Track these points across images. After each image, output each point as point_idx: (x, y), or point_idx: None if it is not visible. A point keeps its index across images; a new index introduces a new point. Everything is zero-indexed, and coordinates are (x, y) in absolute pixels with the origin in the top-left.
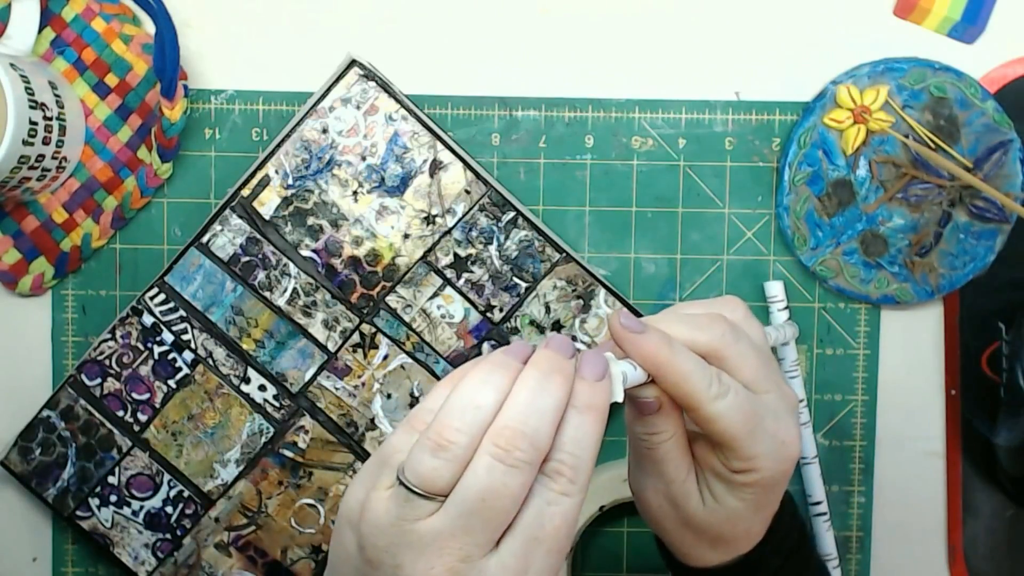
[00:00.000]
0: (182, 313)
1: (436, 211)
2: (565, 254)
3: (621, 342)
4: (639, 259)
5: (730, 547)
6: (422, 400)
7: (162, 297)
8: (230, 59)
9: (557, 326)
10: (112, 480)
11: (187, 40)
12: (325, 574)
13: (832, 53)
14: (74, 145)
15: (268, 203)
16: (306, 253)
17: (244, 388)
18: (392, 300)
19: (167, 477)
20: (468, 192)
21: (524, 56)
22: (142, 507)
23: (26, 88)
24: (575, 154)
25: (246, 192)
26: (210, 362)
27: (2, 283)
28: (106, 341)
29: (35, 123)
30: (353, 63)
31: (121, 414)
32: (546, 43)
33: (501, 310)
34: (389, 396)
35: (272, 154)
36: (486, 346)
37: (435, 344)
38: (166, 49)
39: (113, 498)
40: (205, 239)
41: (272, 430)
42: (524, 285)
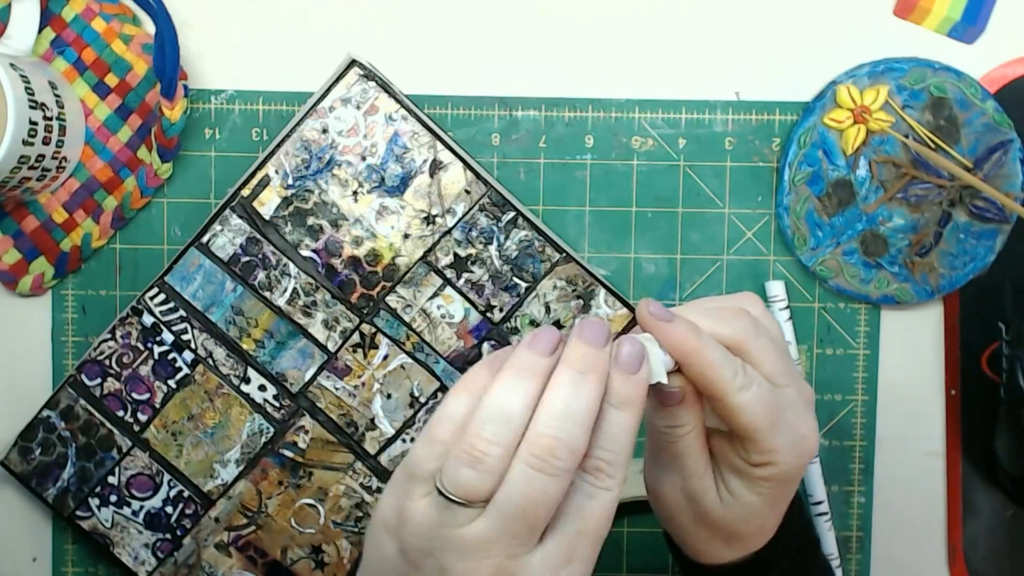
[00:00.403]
0: (182, 313)
1: (436, 211)
2: (565, 254)
3: (650, 330)
4: (639, 259)
5: (744, 543)
6: (439, 408)
7: (162, 297)
8: (230, 59)
9: (557, 326)
10: (112, 480)
11: (187, 40)
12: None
13: (832, 53)
14: (74, 145)
15: (268, 203)
16: (306, 253)
17: (244, 388)
18: (392, 300)
19: (167, 477)
20: (468, 192)
21: (524, 56)
22: (142, 507)
23: (26, 88)
24: (575, 154)
25: (246, 192)
26: (210, 362)
27: (2, 283)
28: (106, 341)
29: (35, 123)
30: (353, 63)
31: (121, 414)
32: (546, 43)
33: (501, 310)
34: (389, 396)
35: (272, 154)
36: (486, 346)
37: (435, 344)
38: (166, 49)
39: (113, 498)
40: (205, 239)
41: (272, 430)
42: (524, 285)
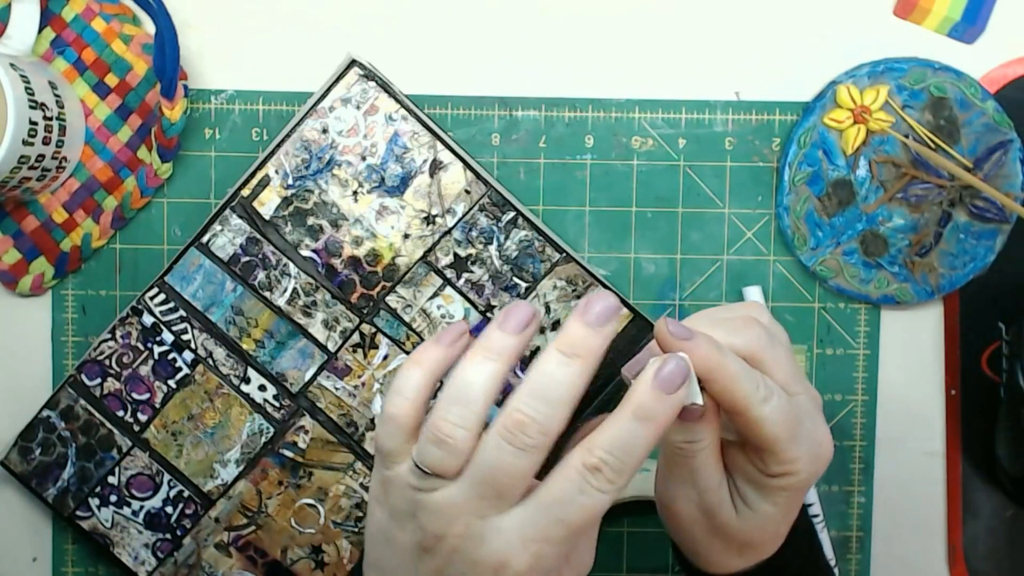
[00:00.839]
0: (182, 313)
1: (436, 211)
2: (565, 254)
3: (671, 349)
4: (639, 259)
5: (757, 552)
6: (391, 384)
7: (162, 297)
8: (230, 59)
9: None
10: (112, 480)
11: (187, 40)
12: (364, 550)
13: (832, 53)
14: (74, 145)
15: (268, 203)
16: (306, 253)
17: (244, 388)
18: (392, 300)
19: (167, 477)
20: (468, 192)
21: (524, 56)
22: (142, 507)
23: (26, 88)
24: (575, 154)
25: (246, 192)
26: (210, 362)
27: (2, 283)
28: (106, 341)
29: (35, 123)
30: (353, 63)
31: (121, 414)
32: (546, 43)
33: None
34: None
35: (272, 154)
36: None
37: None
38: (166, 49)
39: (113, 498)
40: (205, 239)
41: (272, 430)
42: (524, 285)
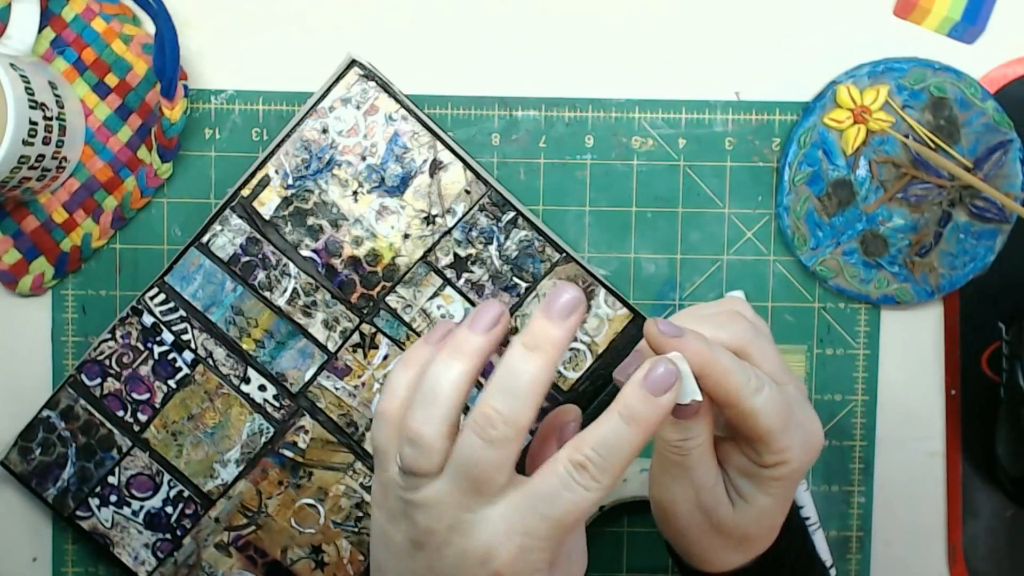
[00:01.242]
0: (182, 313)
1: (436, 211)
2: (565, 254)
3: (662, 349)
4: (639, 259)
5: (754, 546)
6: (384, 384)
7: (162, 297)
8: (230, 59)
9: None
10: (112, 480)
11: (187, 40)
12: (370, 553)
13: (832, 53)
14: (74, 145)
15: (268, 203)
16: (306, 253)
17: (244, 388)
18: (392, 300)
19: (167, 477)
20: (468, 192)
21: (524, 56)
22: (142, 507)
23: (26, 88)
24: (575, 154)
25: (246, 192)
26: (210, 362)
27: (2, 283)
28: (106, 341)
29: (35, 123)
30: (353, 63)
31: (121, 414)
32: (546, 43)
33: None
34: None
35: (272, 154)
36: None
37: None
38: (166, 49)
39: (113, 498)
40: (205, 239)
41: (272, 430)
42: (524, 285)
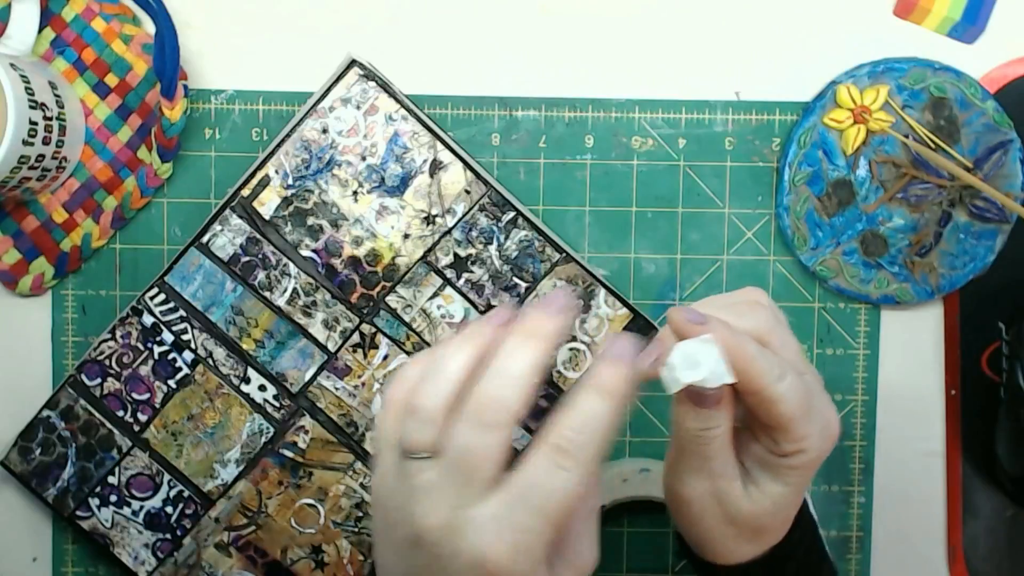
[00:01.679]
0: (182, 313)
1: (436, 211)
2: (565, 254)
3: (686, 335)
4: (639, 259)
5: (768, 538)
6: (396, 373)
7: (162, 297)
8: (230, 59)
9: None
10: (112, 480)
11: (187, 40)
12: (374, 553)
13: (832, 53)
14: (74, 145)
15: (268, 203)
16: (306, 253)
17: (244, 388)
18: (392, 300)
19: (167, 477)
20: (468, 192)
21: (524, 56)
22: (142, 507)
23: (26, 88)
24: (575, 154)
25: (246, 192)
26: (210, 362)
27: (2, 283)
28: (106, 341)
29: (35, 123)
30: (353, 63)
31: (121, 414)
32: (546, 43)
33: None
34: None
35: (272, 154)
36: None
37: (435, 344)
38: (166, 49)
39: (113, 498)
40: (205, 239)
41: (272, 430)
42: (524, 285)
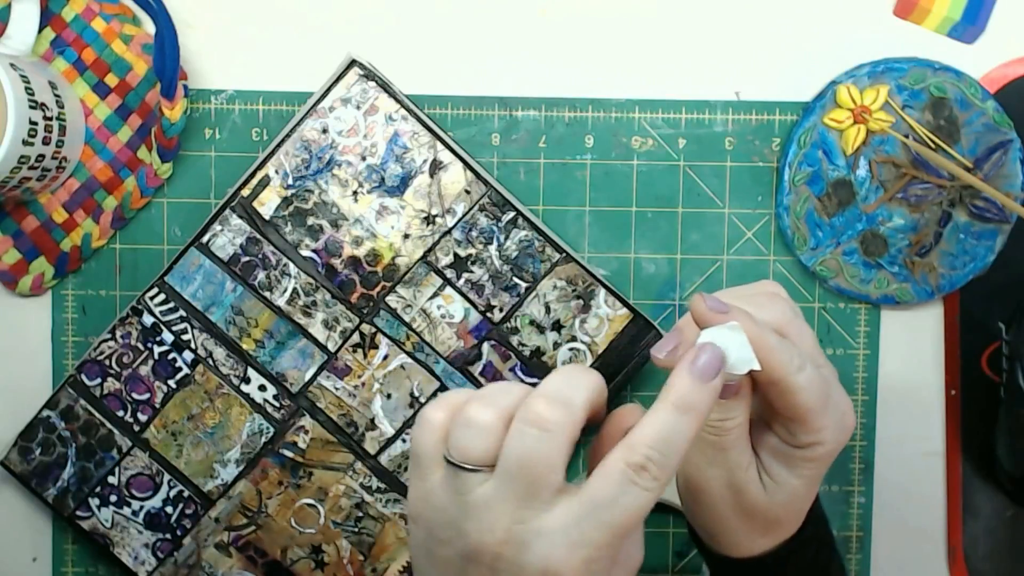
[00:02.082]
0: (182, 313)
1: (436, 211)
2: (565, 254)
3: (708, 324)
4: (639, 259)
5: (782, 530)
6: (438, 397)
7: (162, 297)
8: (230, 59)
9: (557, 326)
10: (112, 480)
11: (187, 40)
12: (414, 570)
13: (832, 53)
14: (74, 145)
15: (268, 203)
16: (306, 253)
17: (244, 388)
18: (392, 300)
19: (167, 477)
20: (468, 192)
21: (524, 56)
22: (142, 507)
23: (26, 88)
24: (575, 154)
25: (246, 192)
26: (210, 362)
27: (2, 283)
28: (106, 341)
29: (35, 123)
30: (353, 63)
31: (121, 414)
32: (546, 43)
33: (501, 310)
34: (389, 396)
35: (272, 154)
36: (486, 346)
37: (435, 344)
38: (166, 49)
39: (113, 498)
40: (205, 239)
41: (272, 430)
42: (524, 285)
